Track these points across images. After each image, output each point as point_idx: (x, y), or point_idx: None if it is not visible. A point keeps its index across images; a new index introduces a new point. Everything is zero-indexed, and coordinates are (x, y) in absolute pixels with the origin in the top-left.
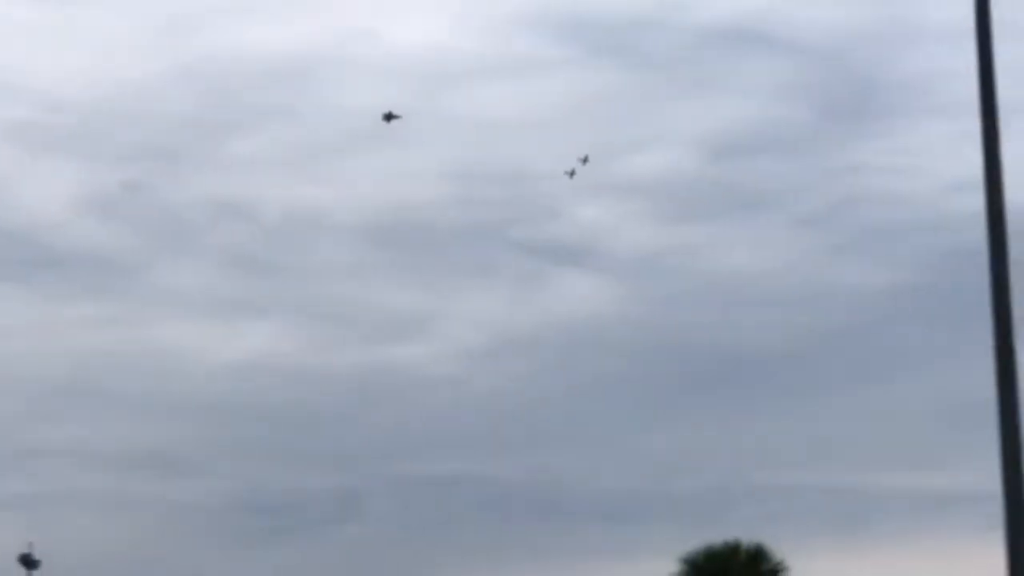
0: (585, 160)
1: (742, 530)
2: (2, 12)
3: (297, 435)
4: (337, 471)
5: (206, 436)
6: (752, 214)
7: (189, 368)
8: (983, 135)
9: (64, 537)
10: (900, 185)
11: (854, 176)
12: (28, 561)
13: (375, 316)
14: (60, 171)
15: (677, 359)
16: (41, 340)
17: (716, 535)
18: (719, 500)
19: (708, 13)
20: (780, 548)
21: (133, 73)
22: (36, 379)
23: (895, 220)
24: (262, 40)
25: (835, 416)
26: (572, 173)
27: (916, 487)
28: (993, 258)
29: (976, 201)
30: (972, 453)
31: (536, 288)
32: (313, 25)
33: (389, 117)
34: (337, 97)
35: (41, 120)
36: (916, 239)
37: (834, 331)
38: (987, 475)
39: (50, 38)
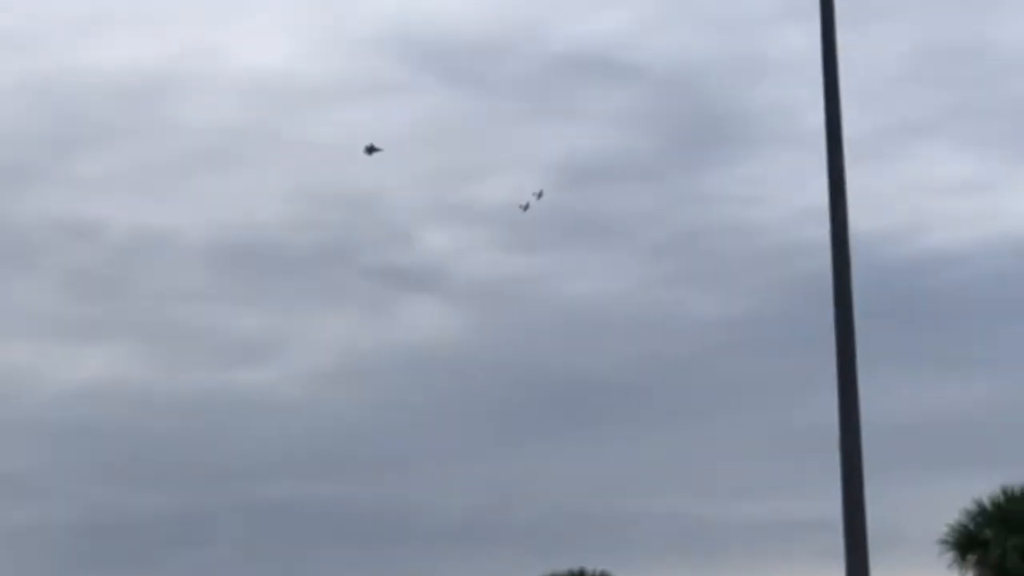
0: (540, 195)
1: (588, 557)
2: None
3: (143, 459)
4: (184, 495)
5: (48, 459)
6: (600, 242)
7: (31, 391)
8: (829, 165)
9: None
10: (747, 214)
11: (702, 205)
12: None
13: (222, 339)
14: None
15: (524, 385)
16: None
17: (562, 562)
18: (565, 526)
19: (559, 40)
20: (625, 575)
21: None
22: None
23: (742, 249)
24: (108, 58)
25: (681, 444)
26: (526, 207)
27: (760, 515)
28: (837, 287)
29: (822, 230)
30: (814, 482)
31: (384, 313)
32: (161, 43)
33: (371, 150)
34: (185, 116)
35: None
36: (762, 268)
37: (680, 360)
38: (829, 503)
39: None
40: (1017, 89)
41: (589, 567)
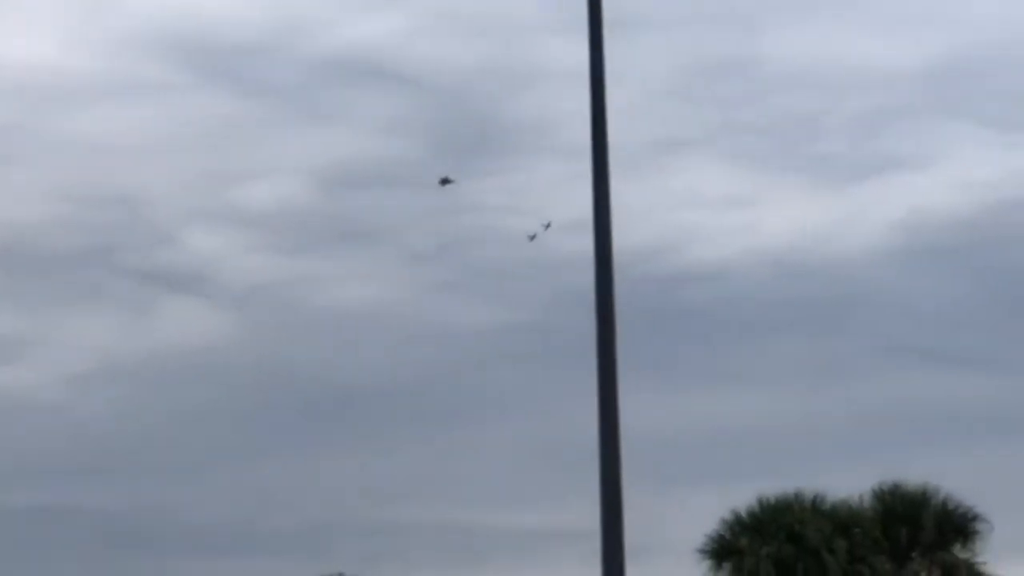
0: (548, 226)
1: (347, 565)
2: None
3: None
4: None
5: None
6: (365, 248)
7: None
8: (594, 177)
9: None
10: (513, 224)
11: (468, 213)
12: None
13: None
14: None
15: (287, 391)
16: None
17: (321, 570)
18: (326, 534)
19: (325, 44)
20: None
21: None
22: None
23: (507, 259)
24: None
25: (442, 452)
26: (533, 237)
27: (520, 524)
28: (600, 299)
29: (585, 242)
30: (574, 491)
31: (146, 315)
32: None
33: (445, 182)
34: None
35: None
36: (527, 278)
37: (444, 368)
38: (587, 512)
39: None
40: (782, 105)
41: (348, 573)
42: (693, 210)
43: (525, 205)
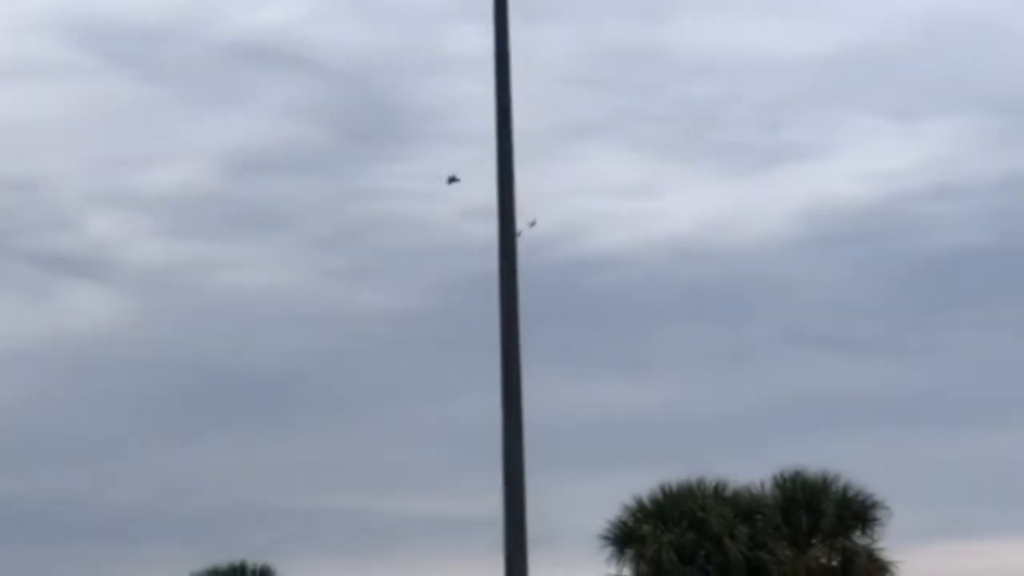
0: (533, 223)
1: (251, 551)
2: None
3: None
4: None
5: None
6: (268, 233)
7: None
8: (498, 164)
9: None
10: (417, 210)
11: (372, 199)
12: None
13: None
14: None
15: (190, 376)
16: None
17: (224, 556)
18: (230, 521)
19: (229, 28)
20: (288, 570)
21: None
22: None
23: (411, 245)
24: None
25: (347, 439)
26: (519, 234)
27: (425, 511)
28: (503, 285)
29: (489, 229)
30: (477, 478)
31: (44, 300)
32: None
33: (452, 180)
34: None
35: None
36: (431, 264)
37: (348, 354)
38: (491, 499)
39: None
40: (685, 94)
41: (251, 560)
42: (597, 197)
43: (429, 191)
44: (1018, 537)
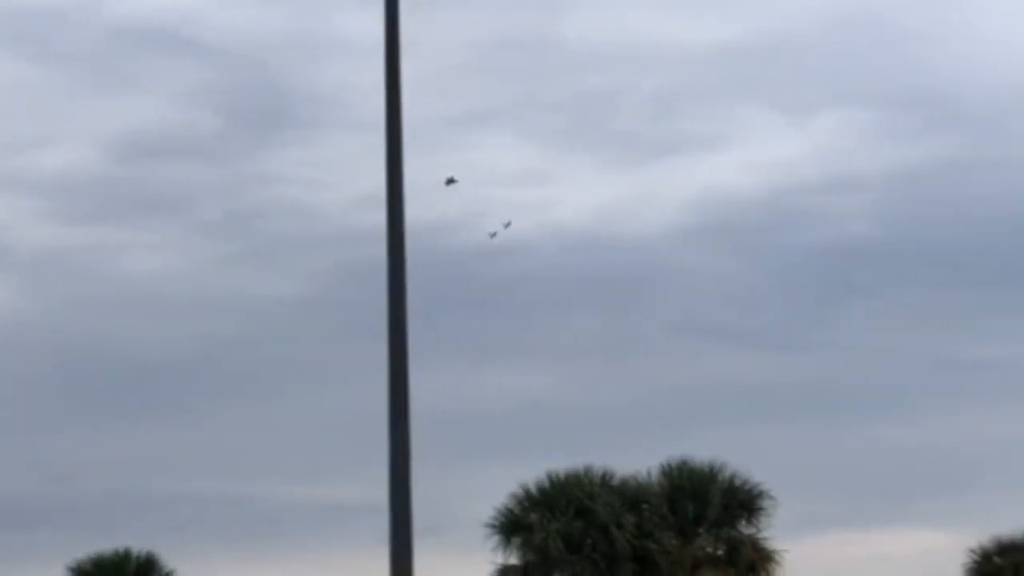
0: (508, 224)
1: (135, 538)
2: None
3: None
4: None
5: None
6: (157, 218)
7: None
8: (387, 151)
9: None
10: (306, 197)
11: (261, 185)
12: None
13: None
14: None
15: (74, 362)
16: None
17: (108, 543)
18: (113, 508)
19: (120, 10)
20: (172, 557)
21: None
22: None
23: (300, 232)
24: None
25: (232, 426)
26: (494, 235)
27: (310, 498)
28: (391, 273)
29: (378, 217)
30: (363, 465)
31: None
32: None
33: (450, 181)
34: None
35: None
36: (319, 252)
37: (234, 341)
38: (376, 487)
39: None
40: (580, 83)
41: (136, 548)
42: (489, 185)
43: (320, 178)
44: (902, 527)
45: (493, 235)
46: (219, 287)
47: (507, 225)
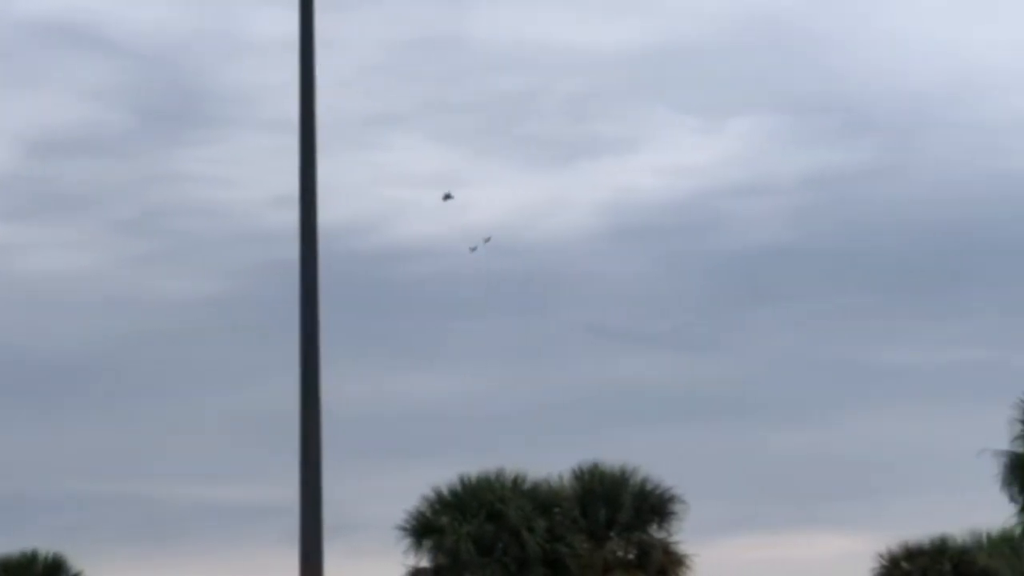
0: (488, 240)
1: (42, 540)
2: None
3: None
4: None
5: None
6: (67, 216)
7: None
8: (301, 151)
9: None
10: (219, 196)
11: (173, 184)
12: None
13: None
14: None
15: None
16: None
17: (15, 545)
18: (19, 509)
19: (31, 7)
20: (80, 559)
21: None
22: None
23: (212, 231)
24: None
25: (140, 426)
26: (475, 249)
27: (217, 499)
28: (304, 273)
29: (291, 216)
30: (274, 466)
31: None
32: None
33: (447, 197)
34: None
35: None
36: (232, 251)
37: (144, 340)
38: (287, 488)
39: None
40: (489, 85)
41: (43, 550)
42: (402, 187)
43: (232, 177)
44: (812, 531)
45: (473, 249)
46: (130, 286)
47: (487, 240)
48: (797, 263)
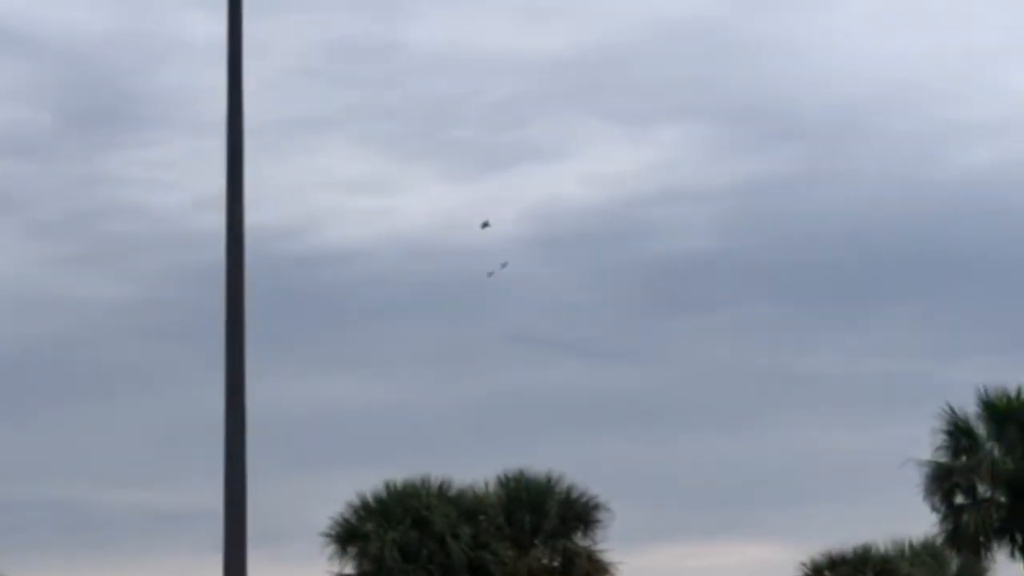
0: (504, 265)
1: None
2: None
3: None
4: None
5: None
6: None
7: None
8: (228, 154)
9: None
10: (145, 199)
11: (98, 186)
12: None
13: None
14: None
15: None
16: None
17: None
18: None
19: None
20: (5, 563)
21: None
22: None
23: (137, 233)
24: None
25: (64, 430)
26: (491, 274)
27: (141, 504)
28: (230, 277)
29: (217, 219)
30: (196, 472)
31: None
32: None
33: (484, 225)
34: None
35: None
36: (157, 254)
37: (64, 343)
38: (210, 494)
39: None
40: (418, 90)
41: None
42: (328, 191)
43: (158, 179)
44: (737, 540)
45: (490, 274)
46: (52, 289)
47: (504, 265)
48: (723, 271)
